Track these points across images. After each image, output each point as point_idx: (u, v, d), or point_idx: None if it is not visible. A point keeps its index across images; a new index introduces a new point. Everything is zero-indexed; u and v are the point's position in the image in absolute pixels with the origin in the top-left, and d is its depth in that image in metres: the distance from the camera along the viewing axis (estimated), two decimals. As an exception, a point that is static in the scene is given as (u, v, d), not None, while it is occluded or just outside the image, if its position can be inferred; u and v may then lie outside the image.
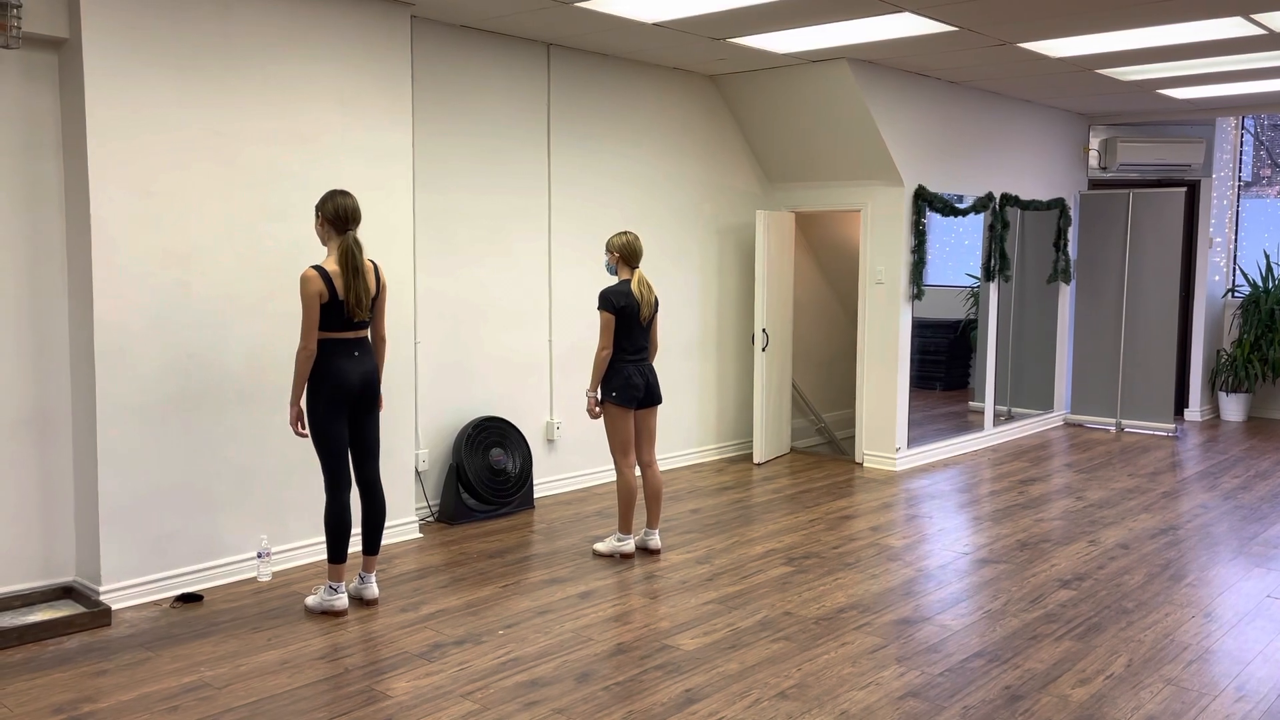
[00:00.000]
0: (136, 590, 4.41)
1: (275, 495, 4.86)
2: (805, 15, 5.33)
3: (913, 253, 7.08)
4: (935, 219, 7.57)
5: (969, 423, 8.51)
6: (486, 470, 5.79)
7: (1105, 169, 9.13)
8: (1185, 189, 8.55)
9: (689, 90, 7.03)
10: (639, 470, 5.21)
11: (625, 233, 5.04)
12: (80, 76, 4.16)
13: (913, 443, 7.39)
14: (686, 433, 7.28)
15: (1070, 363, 9.11)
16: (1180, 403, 9.27)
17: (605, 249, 5.07)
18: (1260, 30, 5.58)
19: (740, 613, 4.34)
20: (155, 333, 4.40)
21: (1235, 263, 9.64)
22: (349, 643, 4.00)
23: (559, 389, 6.39)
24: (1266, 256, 9.20)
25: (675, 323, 7.07)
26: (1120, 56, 6.36)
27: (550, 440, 6.37)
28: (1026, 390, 9.00)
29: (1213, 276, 9.29)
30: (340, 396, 4.17)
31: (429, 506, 5.77)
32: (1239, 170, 9.74)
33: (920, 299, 7.18)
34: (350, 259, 4.11)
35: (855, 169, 7.11)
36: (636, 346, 5.01)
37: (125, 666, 3.75)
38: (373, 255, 5.05)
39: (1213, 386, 9.47)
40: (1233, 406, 9.27)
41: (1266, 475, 7.08)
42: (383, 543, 4.97)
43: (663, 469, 7.01)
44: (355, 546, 4.99)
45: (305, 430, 4.21)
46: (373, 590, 4.42)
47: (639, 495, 6.12)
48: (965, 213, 7.60)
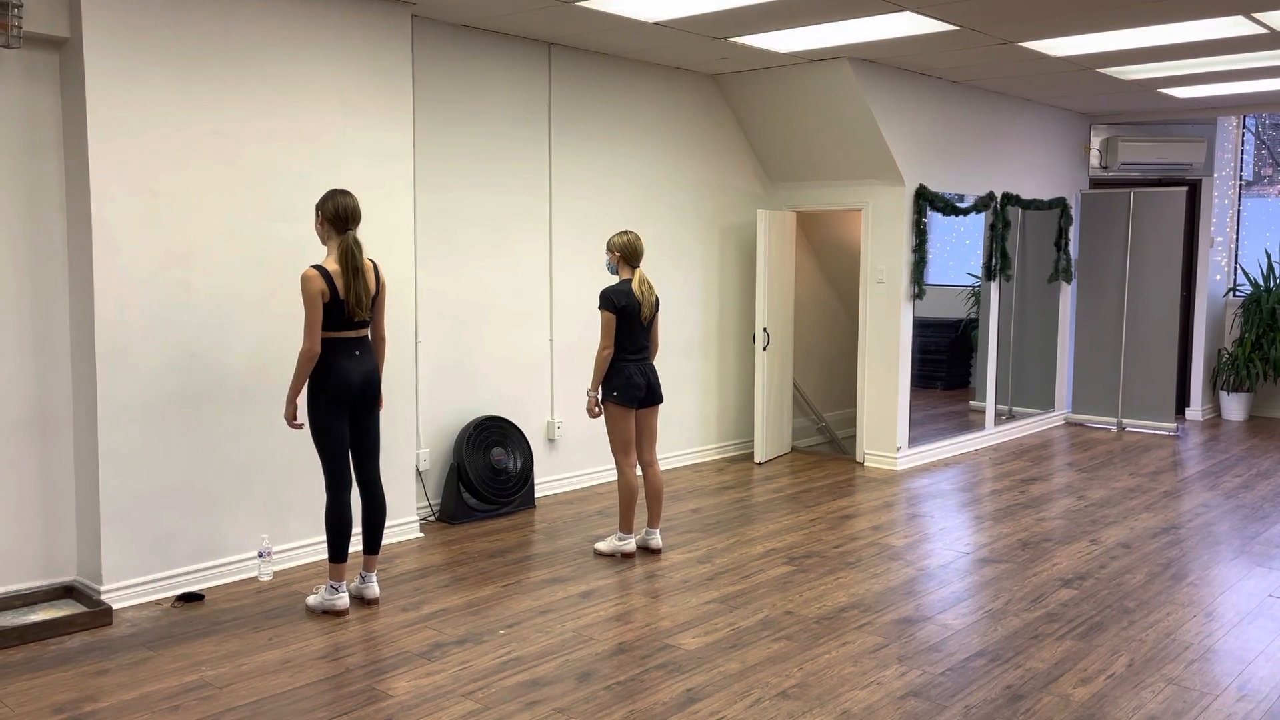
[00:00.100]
0: (138, 590, 4.42)
1: (276, 495, 4.86)
2: (806, 14, 5.33)
3: (914, 252, 7.08)
4: (936, 218, 7.56)
5: (970, 422, 8.50)
6: (487, 470, 5.79)
7: (1106, 168, 9.12)
8: (1186, 188, 8.55)
9: (690, 89, 7.03)
10: (640, 470, 5.21)
11: (626, 232, 5.04)
12: (81, 76, 4.16)
13: (914, 442, 7.38)
14: (687, 432, 7.28)
15: (1071, 362, 9.10)
16: (1181, 402, 9.26)
17: (606, 248, 5.06)
18: (1261, 29, 5.58)
19: (741, 612, 4.34)
20: (156, 332, 4.40)
21: (1236, 262, 9.64)
22: (350, 642, 4.00)
23: (560, 388, 6.39)
24: (1268, 255, 9.20)
25: (676, 322, 7.07)
26: (1121, 55, 6.35)
27: (551, 440, 6.37)
28: (1027, 389, 9.00)
29: (1214, 276, 9.29)
30: (341, 396, 4.17)
31: (430, 506, 5.77)
32: (1240, 169, 9.73)
33: (921, 298, 7.18)
34: (350, 258, 4.11)
35: (856, 168, 7.11)
36: (637, 346, 5.01)
37: (126, 666, 3.75)
38: (373, 255, 5.05)
39: (1214, 386, 9.47)
40: (1234, 406, 9.26)
41: (1268, 474, 7.07)
42: (383, 542, 4.98)
43: (664, 468, 7.01)
44: (356, 546, 4.99)
45: (300, 421, 4.19)
46: (374, 590, 4.42)
47: (640, 494, 6.12)
48: (966, 212, 7.60)
